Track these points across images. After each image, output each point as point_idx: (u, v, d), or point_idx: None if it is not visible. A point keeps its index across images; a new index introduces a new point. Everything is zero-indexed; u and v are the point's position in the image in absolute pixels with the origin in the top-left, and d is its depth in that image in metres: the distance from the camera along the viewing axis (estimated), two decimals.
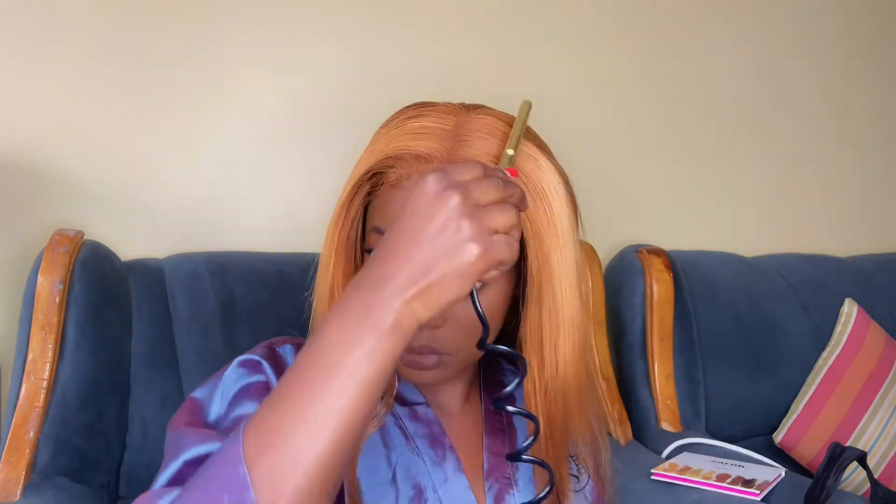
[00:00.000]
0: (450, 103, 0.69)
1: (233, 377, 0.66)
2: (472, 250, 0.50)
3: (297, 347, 0.71)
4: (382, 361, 0.50)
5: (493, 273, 0.52)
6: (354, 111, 1.30)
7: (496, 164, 0.63)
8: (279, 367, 0.67)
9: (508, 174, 0.57)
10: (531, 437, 0.61)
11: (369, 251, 0.67)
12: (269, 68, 1.28)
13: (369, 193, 0.67)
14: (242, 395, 0.65)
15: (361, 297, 0.51)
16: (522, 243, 0.65)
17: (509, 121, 0.67)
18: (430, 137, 0.65)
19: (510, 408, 0.60)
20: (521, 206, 0.55)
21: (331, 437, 0.48)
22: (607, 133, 1.57)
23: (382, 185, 0.66)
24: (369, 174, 0.66)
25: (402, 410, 0.72)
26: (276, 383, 0.65)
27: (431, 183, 0.51)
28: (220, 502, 0.48)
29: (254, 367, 0.67)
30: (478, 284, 0.52)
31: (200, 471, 0.52)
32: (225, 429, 0.63)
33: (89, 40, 1.17)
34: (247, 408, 0.64)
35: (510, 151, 0.61)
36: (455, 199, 0.50)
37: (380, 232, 0.65)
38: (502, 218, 0.52)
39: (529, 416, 0.61)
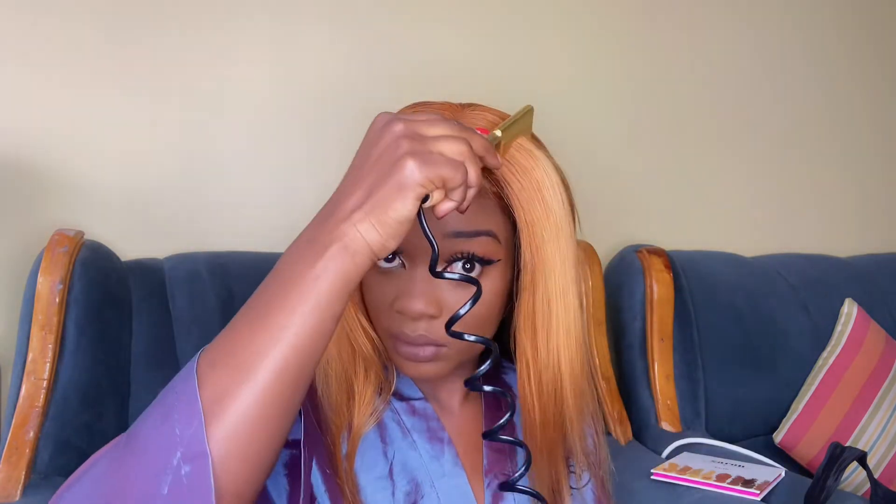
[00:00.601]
0: (446, 102, 0.70)
1: None
2: (409, 162, 0.51)
3: None
4: (331, 280, 0.50)
5: (437, 195, 0.53)
6: (356, 111, 1.30)
7: None
8: None
9: (476, 130, 0.58)
10: (523, 468, 0.63)
11: None
12: (269, 67, 1.28)
13: None
14: None
15: (313, 227, 0.53)
16: (518, 233, 0.66)
17: (503, 116, 0.68)
18: None
19: (502, 437, 0.62)
20: (486, 157, 0.56)
21: (279, 355, 0.50)
22: (607, 133, 1.57)
23: None
24: None
25: (399, 405, 0.72)
26: None
27: (380, 117, 0.54)
28: (170, 412, 0.50)
29: None
30: (427, 204, 0.53)
31: (160, 393, 0.54)
32: None
33: (89, 40, 1.17)
34: None
35: (497, 132, 0.61)
36: (398, 126, 0.52)
37: None
38: (448, 144, 0.53)
39: (518, 443, 0.63)
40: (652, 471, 1.17)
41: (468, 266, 0.65)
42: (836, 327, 1.58)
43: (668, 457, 1.26)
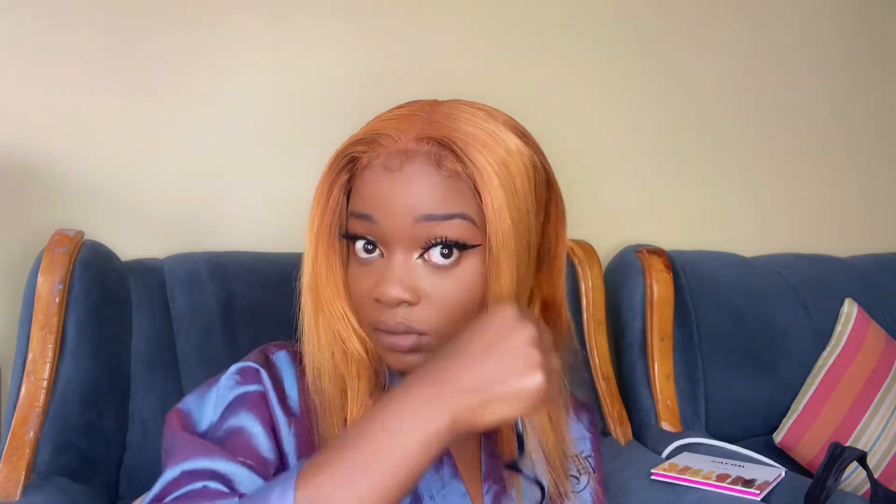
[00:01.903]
0: (431, 99, 0.71)
1: (229, 384, 0.67)
2: (539, 377, 0.55)
3: (292, 354, 0.70)
4: (431, 456, 0.54)
5: (537, 409, 0.56)
6: (355, 110, 1.29)
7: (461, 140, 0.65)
8: (274, 377, 0.68)
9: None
10: (518, 452, 0.64)
11: (346, 236, 0.68)
12: (269, 67, 1.28)
13: (348, 182, 0.68)
14: (237, 404, 0.65)
15: (425, 391, 0.55)
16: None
17: (483, 108, 0.68)
18: (400, 121, 0.67)
19: (524, 470, 0.65)
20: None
21: None
22: (608, 133, 1.57)
23: (357, 170, 0.67)
24: (345, 157, 0.67)
25: None
26: (273, 394, 0.66)
27: (512, 309, 0.58)
28: None
29: (251, 375, 0.67)
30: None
31: None
32: (218, 438, 0.63)
33: (89, 41, 1.17)
34: (241, 419, 0.64)
35: None
36: (532, 330, 0.56)
37: (357, 216, 0.66)
38: (557, 361, 0.58)
39: (537, 482, 0.64)
40: (652, 471, 1.17)
41: (446, 251, 0.64)
42: (836, 327, 1.58)
43: (668, 457, 1.26)
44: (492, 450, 0.73)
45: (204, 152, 1.25)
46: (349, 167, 0.68)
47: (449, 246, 0.64)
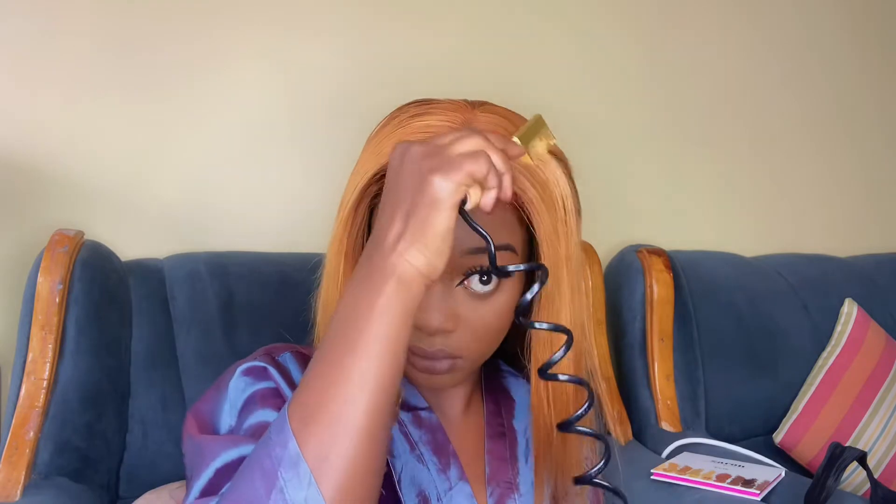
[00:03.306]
0: (453, 100, 0.67)
1: (239, 386, 0.65)
2: (434, 177, 0.51)
3: (297, 355, 0.70)
4: (395, 316, 0.52)
5: (474, 194, 0.53)
6: (355, 109, 1.30)
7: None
8: (285, 375, 0.67)
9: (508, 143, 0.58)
10: (602, 462, 0.60)
11: None
12: (269, 67, 1.28)
13: (375, 196, 0.66)
14: (251, 403, 0.64)
15: (362, 265, 0.54)
16: (535, 247, 0.64)
17: (515, 118, 0.66)
18: (441, 125, 0.64)
19: (580, 428, 0.59)
20: (507, 149, 0.57)
21: (367, 399, 0.51)
22: (607, 133, 1.57)
23: None
24: (376, 177, 0.64)
25: (405, 416, 0.71)
26: (285, 388, 0.65)
27: (397, 148, 0.55)
28: (274, 480, 0.50)
29: (260, 373, 0.66)
30: (468, 206, 0.53)
31: (248, 461, 0.53)
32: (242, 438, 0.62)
33: (90, 41, 1.17)
34: (259, 415, 0.63)
35: (515, 139, 0.60)
36: (414, 149, 0.54)
37: None
38: (463, 143, 0.53)
39: (598, 436, 0.60)
40: (652, 471, 1.17)
41: (485, 278, 0.64)
42: (836, 327, 1.58)
43: (668, 457, 1.26)
44: (496, 453, 0.73)
45: (204, 152, 1.25)
46: (380, 182, 0.65)
47: (489, 273, 0.64)
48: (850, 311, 1.59)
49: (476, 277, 0.64)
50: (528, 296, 0.55)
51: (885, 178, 1.93)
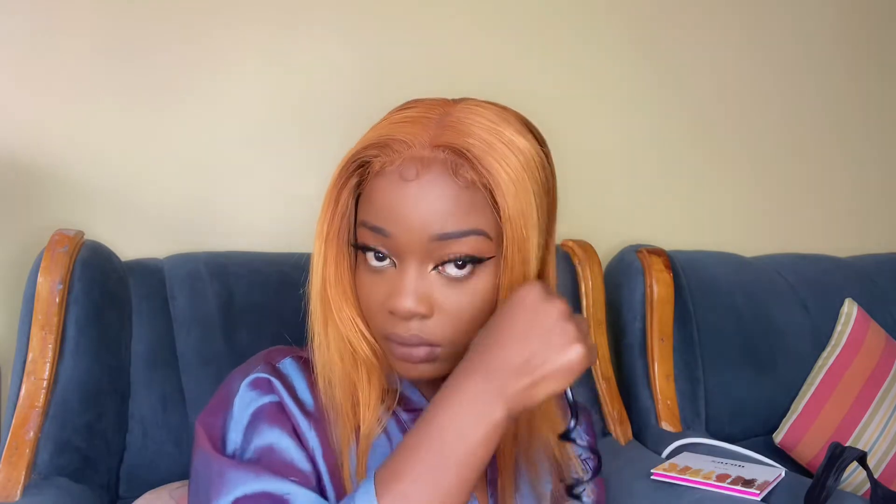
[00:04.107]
0: (438, 98, 0.69)
1: (244, 401, 0.66)
2: (579, 350, 0.57)
3: (297, 360, 0.70)
4: (493, 444, 0.57)
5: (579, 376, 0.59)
6: (354, 109, 1.30)
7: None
8: (287, 384, 0.67)
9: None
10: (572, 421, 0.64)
11: (356, 246, 0.67)
12: (269, 67, 1.28)
13: (358, 186, 0.67)
14: (257, 420, 0.65)
15: (476, 386, 0.57)
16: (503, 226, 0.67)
17: (494, 109, 0.67)
18: (413, 124, 0.65)
19: (579, 440, 0.67)
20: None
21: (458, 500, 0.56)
22: (607, 133, 1.57)
23: (368, 175, 0.66)
24: (355, 161, 0.66)
25: (407, 417, 0.71)
26: (289, 400, 0.66)
27: (538, 289, 0.60)
28: None
29: (264, 385, 0.67)
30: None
31: None
32: (249, 460, 0.63)
33: (89, 41, 1.17)
34: (266, 436, 0.64)
35: None
36: (562, 304, 0.59)
37: (369, 227, 0.65)
38: (587, 328, 0.60)
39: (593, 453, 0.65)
40: (652, 471, 1.17)
41: (460, 263, 0.64)
42: (836, 327, 1.58)
43: (668, 457, 1.26)
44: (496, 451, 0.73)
45: (204, 152, 1.25)
46: (359, 171, 0.67)
47: (464, 260, 0.64)
48: (850, 311, 1.59)
49: (451, 265, 0.64)
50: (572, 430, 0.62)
51: (885, 178, 1.93)
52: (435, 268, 0.64)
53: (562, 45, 1.51)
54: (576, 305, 1.35)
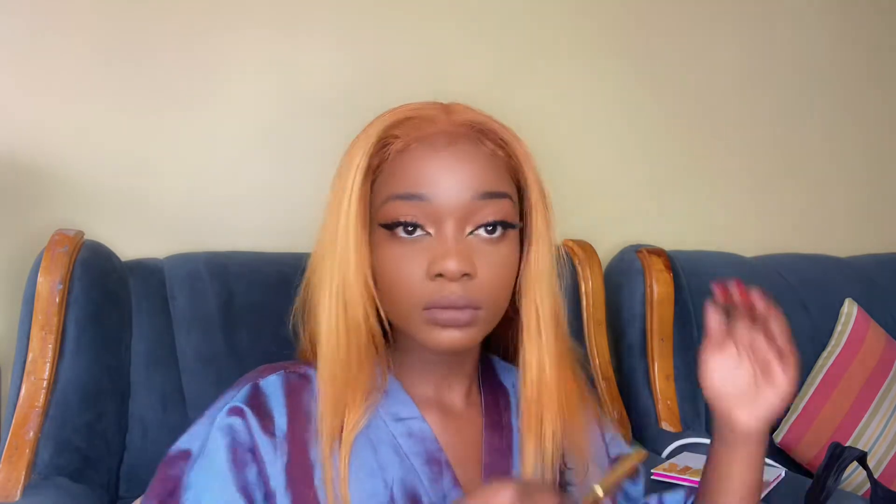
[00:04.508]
0: (430, 102, 0.73)
1: (216, 444, 0.67)
2: None
3: (287, 376, 0.70)
4: None
5: None
6: (354, 110, 1.29)
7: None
8: (261, 411, 0.67)
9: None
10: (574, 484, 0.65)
11: (385, 226, 0.67)
12: (268, 68, 1.28)
13: (372, 170, 0.69)
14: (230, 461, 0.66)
15: None
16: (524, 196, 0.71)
17: (481, 116, 0.71)
18: (425, 110, 0.70)
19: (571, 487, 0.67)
20: None
21: None
22: (607, 133, 1.57)
23: (388, 156, 0.68)
24: (378, 142, 0.68)
25: (396, 428, 0.71)
26: (256, 431, 0.66)
27: (510, 493, 0.57)
28: None
29: (238, 415, 0.67)
30: None
31: None
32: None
33: (89, 42, 1.17)
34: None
35: (598, 489, 0.63)
36: (509, 491, 0.57)
37: (403, 197, 0.66)
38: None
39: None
40: (652, 471, 1.17)
41: (490, 228, 0.67)
42: (836, 327, 1.58)
43: (668, 457, 1.26)
44: (494, 445, 0.73)
45: (204, 152, 1.25)
46: (379, 154, 0.69)
47: (495, 225, 0.67)
48: (850, 311, 1.59)
49: (483, 230, 0.67)
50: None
51: (885, 178, 1.93)
52: (471, 233, 0.67)
53: (560, 45, 1.51)
54: (576, 305, 1.35)
